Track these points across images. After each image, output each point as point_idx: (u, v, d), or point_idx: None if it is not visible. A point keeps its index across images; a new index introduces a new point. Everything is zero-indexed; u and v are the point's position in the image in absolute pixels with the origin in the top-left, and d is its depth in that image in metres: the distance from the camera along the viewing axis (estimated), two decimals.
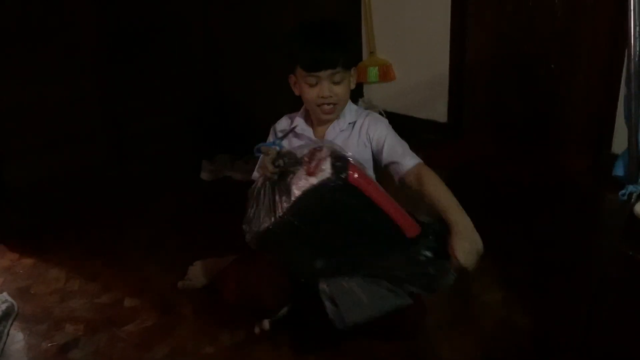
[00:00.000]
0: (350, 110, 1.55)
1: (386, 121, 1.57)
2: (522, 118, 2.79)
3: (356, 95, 3.25)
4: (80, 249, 2.08)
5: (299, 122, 1.55)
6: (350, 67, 1.49)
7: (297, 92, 1.51)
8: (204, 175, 2.65)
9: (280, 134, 1.56)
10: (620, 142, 2.34)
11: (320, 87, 1.45)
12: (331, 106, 1.48)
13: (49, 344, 1.59)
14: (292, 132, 1.54)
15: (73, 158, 2.32)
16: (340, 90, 1.47)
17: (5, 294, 1.80)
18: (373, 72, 3.13)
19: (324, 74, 1.43)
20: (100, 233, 2.20)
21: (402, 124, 3.07)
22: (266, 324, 1.53)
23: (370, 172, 1.55)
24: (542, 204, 2.25)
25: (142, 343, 1.57)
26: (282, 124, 1.61)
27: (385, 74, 3.12)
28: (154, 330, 1.62)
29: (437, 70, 2.94)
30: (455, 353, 1.47)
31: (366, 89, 3.27)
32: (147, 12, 2.43)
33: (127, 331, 1.62)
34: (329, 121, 1.53)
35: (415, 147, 2.99)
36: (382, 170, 1.55)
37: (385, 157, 1.50)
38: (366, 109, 3.17)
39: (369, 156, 1.54)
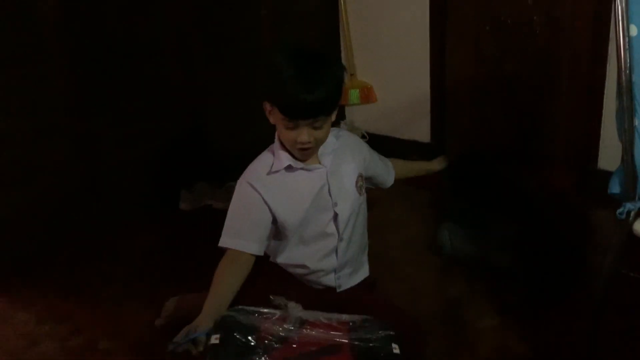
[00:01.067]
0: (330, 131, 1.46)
1: (357, 136, 1.63)
2: (506, 136, 2.77)
3: (338, 117, 3.19)
4: (51, 288, 1.97)
5: (287, 158, 1.40)
6: (334, 110, 1.38)
7: (272, 121, 1.38)
8: (183, 205, 2.56)
9: (268, 176, 1.42)
10: (607, 157, 2.32)
11: (298, 132, 1.32)
12: (310, 150, 1.38)
13: None
14: (286, 169, 1.41)
15: (43, 192, 2.21)
16: (321, 135, 1.36)
17: None
18: (354, 94, 3.10)
19: (304, 122, 1.31)
20: (73, 270, 2.09)
21: (385, 145, 3.06)
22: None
23: (363, 189, 1.51)
24: (531, 224, 2.21)
25: None
26: (262, 166, 1.43)
27: (367, 96, 3.09)
28: None
29: (418, 91, 2.91)
30: None
31: (348, 111, 3.22)
32: (120, 40, 2.36)
33: None
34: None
35: None
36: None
37: (375, 173, 1.60)
38: (348, 131, 3.17)
39: (362, 172, 1.52)
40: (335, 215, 1.44)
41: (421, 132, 2.98)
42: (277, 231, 1.47)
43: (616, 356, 1.46)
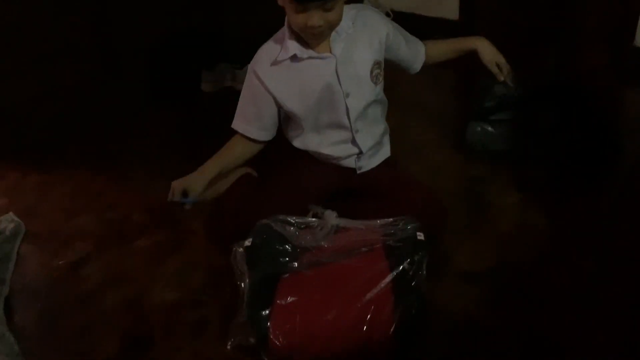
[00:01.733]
0: (345, 12, 1.35)
1: (378, 10, 1.50)
2: (536, 11, 2.62)
3: None
4: (83, 166, 2.03)
5: (294, 47, 1.34)
6: None
7: (280, 3, 1.29)
8: (205, 87, 2.54)
9: (272, 67, 1.37)
10: None
11: (308, 16, 1.24)
12: (322, 31, 1.29)
13: (60, 262, 1.58)
14: (292, 59, 1.35)
15: (66, 73, 2.22)
16: (334, 17, 1.27)
17: (11, 213, 1.77)
18: None
19: (314, 4, 1.22)
20: (102, 148, 2.14)
21: (410, 23, 2.92)
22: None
23: (382, 79, 1.46)
24: (559, 105, 2.15)
25: (153, 257, 1.56)
26: (268, 54, 1.38)
27: None
28: (164, 244, 1.60)
29: None
30: (471, 257, 1.45)
31: None
32: None
33: (137, 246, 1.60)
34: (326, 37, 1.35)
35: None
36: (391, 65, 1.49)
37: (398, 58, 1.50)
38: (370, 7, 3.03)
39: (382, 55, 1.44)
40: (347, 109, 1.41)
41: (449, 8, 2.83)
42: (289, 118, 1.46)
43: (636, 235, 1.48)
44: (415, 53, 1.55)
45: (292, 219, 1.30)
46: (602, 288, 1.32)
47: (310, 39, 1.33)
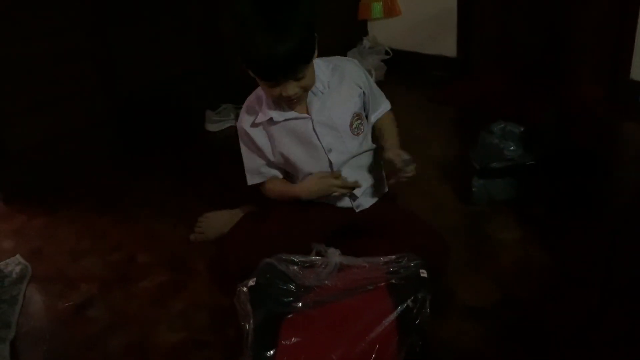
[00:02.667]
0: (320, 68, 1.38)
1: (356, 61, 1.49)
2: (533, 48, 2.68)
3: (360, 33, 3.13)
4: (88, 207, 2.05)
5: (271, 111, 1.38)
6: (314, 52, 1.28)
7: (251, 74, 1.30)
8: (209, 127, 2.59)
9: (256, 129, 1.43)
10: None
11: (282, 87, 1.27)
12: (298, 97, 1.33)
13: (66, 304, 1.59)
14: (269, 122, 1.40)
15: (73, 115, 2.26)
16: (308, 82, 1.31)
17: (18, 256, 1.79)
18: (377, 7, 3.00)
19: (283, 79, 1.26)
20: (107, 190, 2.18)
21: (409, 61, 3.03)
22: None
23: (366, 127, 1.49)
24: (557, 138, 2.18)
25: (157, 299, 1.56)
26: (249, 114, 1.43)
27: (390, 9, 2.98)
28: (169, 285, 1.61)
29: (444, 3, 2.80)
30: (474, 293, 1.45)
31: (370, 25, 3.14)
32: None
33: (141, 287, 1.61)
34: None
35: (424, 85, 2.94)
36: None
37: (371, 109, 1.50)
38: (371, 47, 3.11)
39: (361, 107, 1.46)
40: (331, 163, 1.44)
41: (447, 46, 2.90)
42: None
43: (637, 263, 1.48)
44: (375, 107, 1.52)
45: (295, 258, 1.31)
46: (605, 322, 1.31)
47: (288, 105, 1.37)
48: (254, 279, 1.26)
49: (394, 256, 1.29)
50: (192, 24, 2.54)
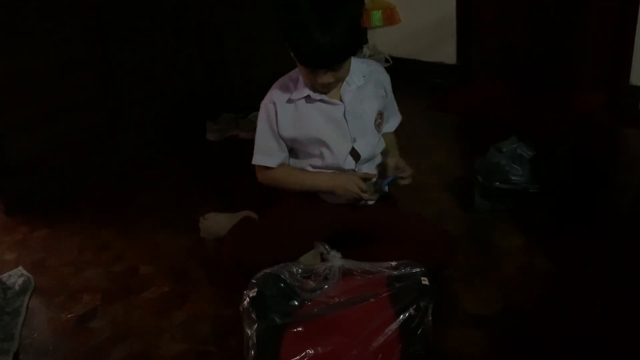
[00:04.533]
0: (356, 62, 1.45)
1: (384, 69, 1.56)
2: (533, 55, 2.69)
3: None
4: (90, 219, 2.06)
5: (307, 89, 1.42)
6: (359, 48, 1.39)
7: (292, 55, 1.36)
8: (210, 136, 2.60)
9: (287, 104, 1.45)
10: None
11: (320, 76, 1.33)
12: (331, 86, 1.39)
13: (68, 315, 1.59)
14: (305, 99, 1.44)
15: (75, 127, 2.27)
16: (343, 74, 1.37)
17: (20, 267, 1.79)
18: (376, 16, 3.01)
19: (324, 70, 1.32)
20: (109, 201, 2.18)
21: (409, 69, 3.03)
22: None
23: (382, 126, 1.53)
24: (558, 146, 2.18)
25: (159, 310, 1.56)
26: (283, 91, 1.46)
27: (390, 17, 3.00)
28: (171, 296, 1.61)
29: (443, 11, 2.82)
30: (477, 301, 1.44)
31: (370, 34, 3.15)
32: None
33: (144, 298, 1.61)
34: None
35: (423, 93, 2.94)
36: None
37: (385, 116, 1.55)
38: (371, 56, 3.12)
39: (383, 107, 1.52)
40: (354, 152, 1.47)
41: (447, 54, 2.91)
42: (294, 152, 1.53)
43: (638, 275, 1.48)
44: (387, 116, 1.59)
45: (296, 267, 1.31)
46: (607, 330, 1.31)
47: (322, 90, 1.42)
48: (255, 290, 1.26)
49: (394, 262, 1.29)
50: (192, 35, 2.56)
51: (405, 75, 2.98)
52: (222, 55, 2.63)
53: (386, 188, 1.48)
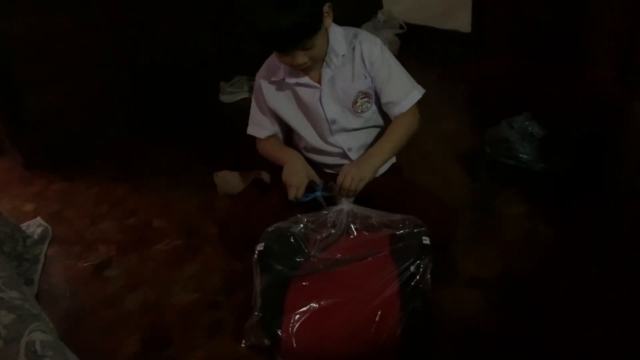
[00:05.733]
0: (337, 39, 1.40)
1: (380, 42, 1.45)
2: (547, 26, 2.66)
3: (375, 6, 3.12)
4: (106, 175, 2.12)
5: (285, 71, 1.43)
6: (321, 25, 1.31)
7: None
8: (223, 98, 2.63)
9: (271, 85, 1.48)
10: None
11: (292, 57, 1.32)
12: (308, 66, 1.37)
13: (85, 264, 1.66)
14: (282, 81, 1.45)
15: (91, 85, 2.31)
16: (317, 52, 1.34)
17: (39, 218, 1.87)
18: None
19: (291, 49, 1.30)
20: (125, 158, 2.24)
21: (423, 36, 3.02)
22: None
23: (373, 105, 1.50)
24: (567, 117, 2.19)
25: (172, 261, 1.63)
26: (269, 70, 1.47)
27: None
28: (183, 249, 1.67)
29: None
30: (477, 265, 1.49)
31: (385, 0, 3.13)
32: None
33: (157, 250, 1.68)
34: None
35: (437, 60, 2.92)
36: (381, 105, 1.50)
37: (384, 96, 1.46)
38: (385, 21, 3.10)
39: (370, 86, 1.46)
40: (334, 132, 1.48)
41: (462, 22, 2.88)
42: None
43: (638, 241, 1.51)
44: (396, 97, 1.46)
45: (304, 218, 1.35)
46: (603, 297, 1.35)
47: (301, 71, 1.41)
48: (262, 244, 1.31)
49: (400, 216, 1.33)
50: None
51: (419, 42, 2.97)
52: (236, 18, 2.63)
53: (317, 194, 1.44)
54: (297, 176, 1.43)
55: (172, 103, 2.53)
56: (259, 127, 1.57)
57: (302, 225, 1.34)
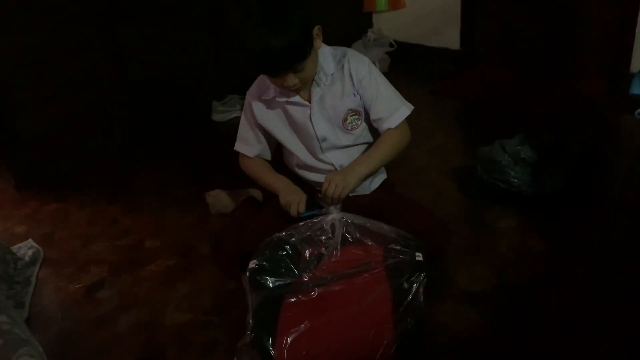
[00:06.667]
0: (326, 59, 1.42)
1: (368, 60, 1.46)
2: (536, 41, 2.71)
3: (365, 25, 3.16)
4: (98, 195, 2.12)
5: (276, 90, 1.44)
6: (311, 48, 1.32)
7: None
8: (215, 117, 2.64)
9: (261, 101, 1.48)
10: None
11: (283, 79, 1.33)
12: (299, 87, 1.38)
13: (77, 285, 1.65)
14: (272, 100, 1.46)
15: (84, 105, 2.31)
16: (307, 74, 1.35)
17: (30, 240, 1.85)
18: (382, 0, 3.03)
19: (283, 72, 1.31)
20: (117, 178, 2.23)
21: (413, 53, 3.06)
22: None
23: (362, 123, 1.50)
24: (557, 131, 2.21)
25: (165, 282, 1.62)
26: (260, 88, 1.48)
27: (395, 2, 3.02)
28: (176, 269, 1.67)
29: None
30: (471, 278, 1.49)
31: (375, 18, 3.17)
32: None
33: (149, 271, 1.67)
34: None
35: (428, 77, 2.96)
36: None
37: (373, 113, 1.47)
38: (375, 39, 3.14)
39: (359, 103, 1.47)
40: (324, 150, 1.49)
41: (451, 39, 2.93)
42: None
43: (629, 251, 1.52)
44: (385, 114, 1.46)
45: (294, 231, 1.34)
46: (597, 308, 1.36)
47: (291, 92, 1.43)
48: (255, 262, 1.31)
49: (393, 229, 1.32)
50: (201, 16, 2.58)
51: (409, 60, 3.01)
52: (230, 37, 2.65)
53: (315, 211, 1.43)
54: (295, 195, 1.44)
55: (165, 122, 2.53)
56: (246, 144, 1.57)
57: (295, 236, 1.33)
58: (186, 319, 1.47)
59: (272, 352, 1.21)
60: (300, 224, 1.35)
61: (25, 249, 1.80)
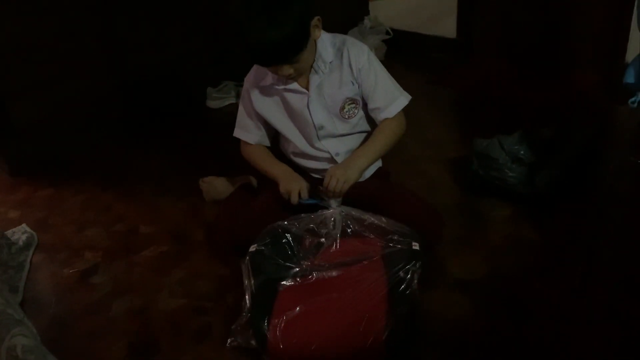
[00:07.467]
0: (325, 46, 1.42)
1: (367, 49, 1.46)
2: (532, 32, 2.70)
3: (362, 12, 3.15)
4: (92, 182, 2.11)
5: (274, 77, 1.43)
6: (307, 41, 1.32)
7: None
8: (210, 103, 2.63)
9: (259, 88, 1.48)
10: (635, 50, 2.27)
11: (278, 68, 1.33)
12: (295, 76, 1.38)
13: (71, 271, 1.65)
14: (269, 87, 1.46)
15: (78, 92, 2.30)
16: (303, 65, 1.36)
17: (24, 225, 1.85)
18: None
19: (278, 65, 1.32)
20: (111, 165, 2.23)
21: (409, 41, 3.05)
22: None
23: (360, 111, 1.51)
24: (553, 121, 2.21)
25: (158, 268, 1.62)
26: (257, 75, 1.48)
27: None
28: (170, 255, 1.67)
29: None
30: (464, 267, 1.50)
31: (372, 6, 3.16)
32: None
33: (143, 257, 1.67)
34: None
35: (423, 66, 2.95)
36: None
37: (371, 102, 1.48)
38: (371, 27, 3.13)
39: (357, 92, 1.48)
40: (321, 138, 1.49)
41: (447, 28, 2.92)
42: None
43: (621, 241, 1.53)
44: (383, 104, 1.47)
45: (296, 222, 1.35)
46: (587, 298, 1.37)
47: (288, 81, 1.43)
48: (255, 245, 1.31)
49: (391, 221, 1.34)
50: (196, 2, 2.57)
51: (405, 48, 3.01)
52: (223, 23, 2.64)
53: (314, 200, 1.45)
54: (296, 182, 1.44)
55: (159, 108, 2.53)
56: (245, 131, 1.57)
57: (297, 227, 1.34)
58: (180, 305, 1.47)
59: (267, 334, 1.22)
60: (302, 215, 1.36)
61: (19, 233, 1.80)
